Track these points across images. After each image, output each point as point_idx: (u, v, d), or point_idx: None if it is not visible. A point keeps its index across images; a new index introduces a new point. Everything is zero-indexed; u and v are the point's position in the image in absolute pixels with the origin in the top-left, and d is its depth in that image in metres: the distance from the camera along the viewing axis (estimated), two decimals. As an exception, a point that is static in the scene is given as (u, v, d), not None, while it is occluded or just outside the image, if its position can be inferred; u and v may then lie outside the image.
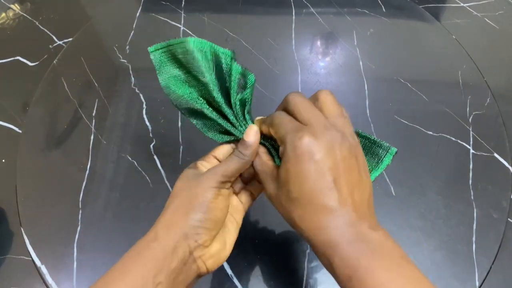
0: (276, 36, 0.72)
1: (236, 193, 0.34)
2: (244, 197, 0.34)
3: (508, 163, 0.56)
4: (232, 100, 0.32)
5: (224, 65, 0.32)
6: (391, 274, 0.23)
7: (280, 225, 0.50)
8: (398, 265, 0.24)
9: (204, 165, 0.32)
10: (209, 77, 0.31)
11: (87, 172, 0.55)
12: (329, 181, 0.25)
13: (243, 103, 0.32)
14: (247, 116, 0.33)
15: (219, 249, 0.30)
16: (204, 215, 0.28)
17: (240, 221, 0.33)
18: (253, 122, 0.33)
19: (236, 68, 0.32)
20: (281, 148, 0.27)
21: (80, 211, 0.52)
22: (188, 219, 0.27)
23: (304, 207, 0.25)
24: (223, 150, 0.33)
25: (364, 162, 0.27)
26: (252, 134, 0.30)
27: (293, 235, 0.49)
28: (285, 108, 0.29)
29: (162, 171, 0.55)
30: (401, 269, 0.23)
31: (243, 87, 0.32)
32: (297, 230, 0.27)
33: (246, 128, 0.31)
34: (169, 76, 0.33)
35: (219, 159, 0.33)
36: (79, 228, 0.50)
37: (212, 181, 0.29)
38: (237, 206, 0.33)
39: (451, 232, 0.49)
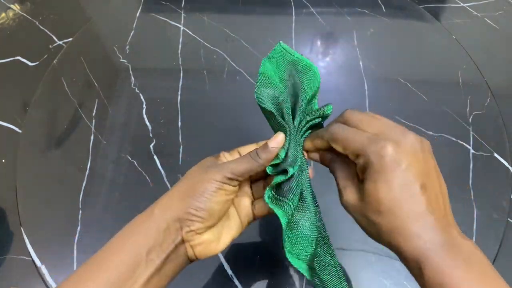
0: (276, 36, 0.72)
1: (254, 198, 0.34)
2: (259, 206, 0.33)
3: (508, 163, 0.56)
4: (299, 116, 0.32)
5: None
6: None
7: (280, 225, 0.50)
8: (491, 278, 0.23)
9: (226, 156, 0.32)
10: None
11: (87, 172, 0.55)
12: (417, 187, 0.25)
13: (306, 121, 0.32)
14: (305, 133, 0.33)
15: (211, 240, 0.30)
16: (200, 204, 0.28)
17: (245, 223, 0.33)
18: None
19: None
20: (360, 161, 0.26)
21: (80, 211, 0.52)
22: (184, 205, 0.28)
23: (395, 217, 0.25)
24: (249, 148, 0.33)
25: (435, 162, 0.27)
26: (276, 140, 0.30)
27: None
28: (345, 123, 0.30)
29: (162, 171, 0.55)
30: (493, 282, 0.23)
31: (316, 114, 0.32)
32: (383, 241, 0.26)
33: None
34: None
35: (242, 154, 0.33)
36: (79, 228, 0.50)
37: (218, 174, 0.29)
38: (248, 208, 0.33)
39: (451, 232, 0.49)
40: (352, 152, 0.27)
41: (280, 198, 0.30)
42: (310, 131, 0.33)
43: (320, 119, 0.32)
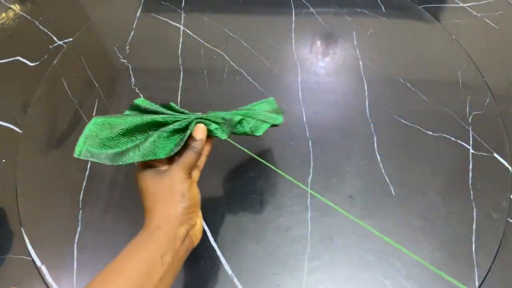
0: (276, 36, 0.72)
1: None
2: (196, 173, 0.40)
3: (508, 163, 0.56)
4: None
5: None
6: None
7: (280, 226, 0.50)
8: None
9: (155, 164, 0.37)
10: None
11: (87, 172, 0.55)
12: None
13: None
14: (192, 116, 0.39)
15: (200, 222, 0.37)
16: (189, 203, 0.34)
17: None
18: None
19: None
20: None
21: (80, 211, 0.52)
22: (178, 209, 0.33)
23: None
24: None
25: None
26: (198, 131, 0.37)
27: (293, 236, 0.49)
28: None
29: (162, 171, 0.55)
30: None
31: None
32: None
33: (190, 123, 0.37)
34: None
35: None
36: (79, 228, 0.50)
37: (182, 173, 0.34)
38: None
39: (451, 232, 0.49)
40: None
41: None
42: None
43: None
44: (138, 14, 0.76)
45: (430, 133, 0.58)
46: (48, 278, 0.47)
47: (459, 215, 0.51)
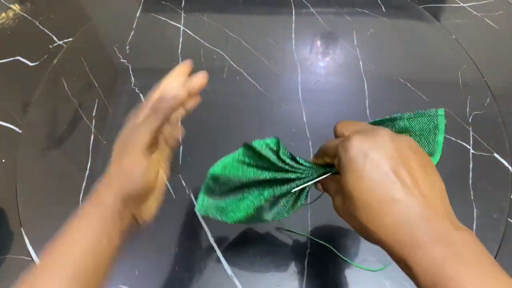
0: (276, 36, 0.72)
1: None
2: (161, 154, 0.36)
3: (508, 163, 0.56)
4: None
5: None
6: (481, 283, 0.20)
7: (281, 226, 0.50)
8: (489, 271, 0.20)
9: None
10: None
11: (87, 172, 0.55)
12: (388, 172, 0.23)
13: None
14: (300, 160, 0.32)
15: (153, 203, 0.34)
16: (141, 186, 0.31)
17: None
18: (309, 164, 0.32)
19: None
20: (336, 160, 0.26)
21: (80, 211, 0.52)
22: (126, 190, 0.31)
23: (371, 207, 0.23)
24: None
25: (426, 158, 0.25)
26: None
27: (293, 236, 0.49)
28: (334, 135, 0.30)
29: (162, 171, 0.55)
30: (491, 277, 0.20)
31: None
32: (372, 238, 0.24)
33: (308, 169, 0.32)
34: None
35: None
36: (79, 228, 0.50)
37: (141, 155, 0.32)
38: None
39: (451, 232, 0.49)
40: (332, 156, 0.27)
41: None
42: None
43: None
44: (138, 14, 0.76)
45: (430, 133, 0.58)
46: (48, 278, 0.47)
47: (459, 215, 0.50)
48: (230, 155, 0.34)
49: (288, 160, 0.31)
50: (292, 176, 0.31)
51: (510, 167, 0.55)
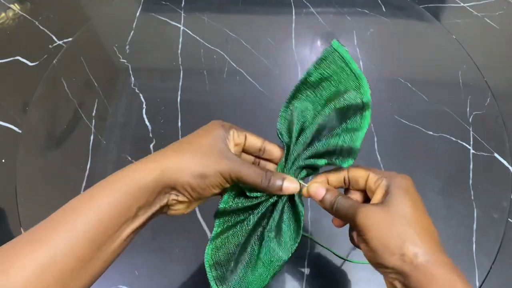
0: (276, 36, 0.72)
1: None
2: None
3: (508, 163, 0.56)
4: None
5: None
6: None
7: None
8: None
9: (234, 136, 0.32)
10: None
11: (87, 172, 0.55)
12: (423, 211, 0.32)
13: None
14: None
15: (185, 207, 0.31)
16: (199, 185, 0.28)
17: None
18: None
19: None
20: (384, 183, 0.31)
21: (80, 211, 0.52)
22: (184, 178, 0.28)
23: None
24: (253, 140, 0.34)
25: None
26: (290, 184, 0.31)
27: (293, 235, 0.49)
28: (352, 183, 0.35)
29: (162, 171, 0.55)
30: None
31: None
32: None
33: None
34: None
35: (245, 147, 0.33)
36: (79, 228, 0.50)
37: (227, 173, 0.28)
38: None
39: (451, 232, 0.49)
40: (360, 183, 0.32)
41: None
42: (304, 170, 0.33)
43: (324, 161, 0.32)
44: (138, 14, 0.76)
45: (431, 133, 0.58)
46: (48, 278, 0.47)
47: (460, 215, 0.51)
48: (213, 233, 0.32)
49: (258, 194, 0.30)
50: (271, 200, 0.31)
51: (510, 167, 0.55)
